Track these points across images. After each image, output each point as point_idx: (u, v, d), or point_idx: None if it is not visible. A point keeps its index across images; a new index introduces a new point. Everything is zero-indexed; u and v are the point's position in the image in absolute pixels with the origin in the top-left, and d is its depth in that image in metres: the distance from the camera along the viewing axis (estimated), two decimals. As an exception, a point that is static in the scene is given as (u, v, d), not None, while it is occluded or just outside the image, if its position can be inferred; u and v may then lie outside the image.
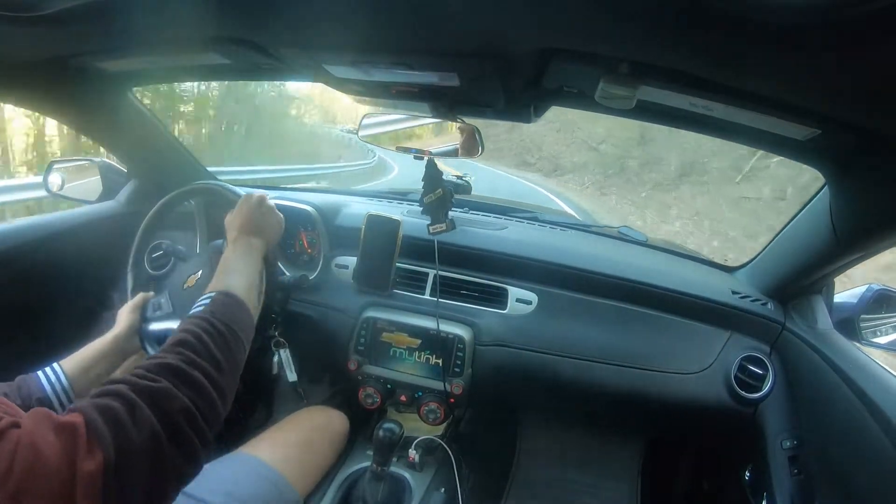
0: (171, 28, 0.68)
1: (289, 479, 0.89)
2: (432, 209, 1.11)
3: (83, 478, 0.41)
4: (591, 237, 1.37)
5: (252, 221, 0.84)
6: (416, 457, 1.09)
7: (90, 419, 0.44)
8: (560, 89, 0.76)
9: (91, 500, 0.41)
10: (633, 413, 1.26)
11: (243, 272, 0.74)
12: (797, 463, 0.94)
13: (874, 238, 0.77)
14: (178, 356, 0.54)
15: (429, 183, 1.10)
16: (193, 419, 0.50)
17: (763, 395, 1.03)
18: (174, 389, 0.50)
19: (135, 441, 0.45)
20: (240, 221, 0.84)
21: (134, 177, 1.29)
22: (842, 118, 0.57)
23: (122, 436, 0.44)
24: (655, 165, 9.27)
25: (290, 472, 0.90)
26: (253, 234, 0.83)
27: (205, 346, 0.57)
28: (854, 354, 0.89)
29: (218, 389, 0.55)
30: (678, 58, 0.53)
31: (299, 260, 1.29)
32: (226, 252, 0.79)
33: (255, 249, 0.81)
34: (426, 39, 0.63)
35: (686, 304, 1.10)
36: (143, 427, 0.46)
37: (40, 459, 0.40)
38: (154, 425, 0.47)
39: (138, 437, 0.45)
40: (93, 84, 1.00)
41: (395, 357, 1.14)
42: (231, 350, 0.60)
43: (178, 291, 0.97)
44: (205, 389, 0.53)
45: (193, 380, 0.53)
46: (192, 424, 0.50)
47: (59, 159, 1.31)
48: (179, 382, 0.51)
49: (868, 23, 0.34)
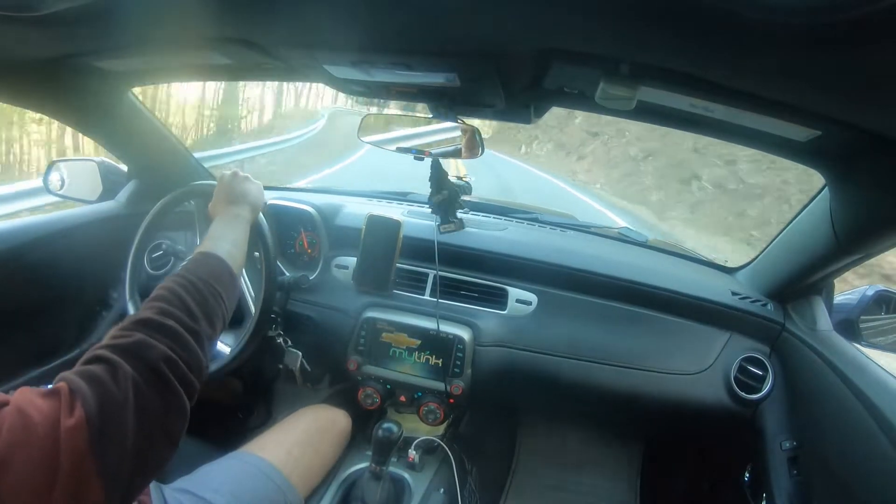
0: (171, 28, 0.68)
1: (291, 479, 0.89)
2: (441, 209, 1.12)
3: (66, 433, 0.41)
4: (592, 238, 1.37)
5: (230, 194, 0.86)
6: (415, 457, 1.09)
7: (73, 382, 0.45)
8: (560, 90, 0.76)
9: (76, 456, 0.41)
10: (632, 414, 1.26)
11: (226, 237, 0.75)
12: (796, 464, 0.94)
13: (874, 239, 0.77)
14: (151, 309, 0.54)
15: (436, 183, 1.10)
16: (175, 365, 0.51)
17: (762, 396, 1.03)
18: (150, 339, 0.50)
19: (115, 395, 0.45)
20: (218, 199, 0.86)
21: (134, 177, 1.29)
22: (842, 119, 0.57)
23: (103, 391, 0.45)
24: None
25: (292, 471, 0.90)
26: (234, 204, 0.84)
27: (178, 298, 0.57)
28: (854, 355, 0.89)
29: (195, 336, 0.55)
30: (678, 58, 0.53)
31: (299, 260, 1.29)
32: (213, 225, 0.79)
33: (240, 218, 0.82)
34: (426, 40, 0.63)
35: (686, 304, 1.10)
36: (123, 381, 0.46)
37: (26, 421, 0.41)
38: (135, 378, 0.47)
39: (119, 390, 0.46)
40: (93, 84, 1.00)
41: (394, 357, 1.14)
42: (207, 301, 0.60)
43: None
44: (181, 337, 0.53)
45: (167, 328, 0.53)
46: (175, 371, 0.50)
47: (59, 159, 1.31)
48: (154, 332, 0.52)
49: (868, 23, 0.34)
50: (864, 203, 0.73)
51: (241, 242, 0.77)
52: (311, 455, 0.98)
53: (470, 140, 0.98)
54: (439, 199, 1.11)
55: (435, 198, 1.12)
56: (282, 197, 1.27)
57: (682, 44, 0.49)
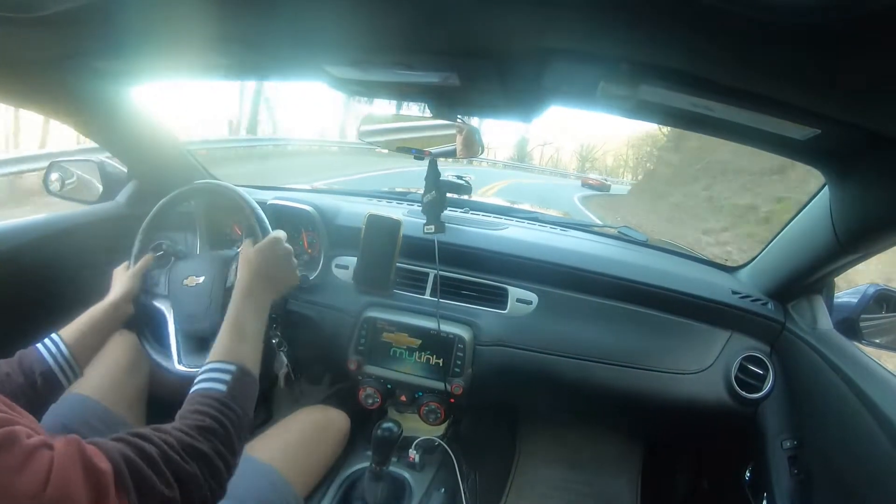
0: (170, 28, 0.68)
1: (288, 479, 0.89)
2: (429, 209, 1.11)
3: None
4: (592, 237, 1.37)
5: (269, 271, 0.82)
6: (416, 457, 1.09)
7: (118, 470, 0.46)
8: (560, 89, 0.76)
9: None
10: (633, 413, 1.26)
11: (256, 338, 0.74)
12: (797, 463, 0.94)
13: (874, 238, 0.77)
14: (209, 444, 0.57)
15: (429, 183, 1.10)
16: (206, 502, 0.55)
17: (763, 395, 1.03)
18: (201, 478, 0.54)
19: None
20: (256, 266, 0.82)
21: (134, 177, 1.29)
22: (842, 118, 0.57)
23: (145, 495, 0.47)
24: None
25: (289, 471, 0.90)
26: (267, 288, 0.81)
27: (229, 436, 0.59)
28: (854, 354, 0.89)
29: (230, 472, 0.59)
30: (678, 58, 0.53)
31: (300, 260, 1.29)
32: (239, 303, 0.76)
33: (266, 305, 0.80)
34: (426, 39, 0.63)
35: (686, 304, 1.10)
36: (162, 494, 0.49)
37: (69, 496, 0.42)
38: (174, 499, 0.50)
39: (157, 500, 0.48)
40: (93, 84, 1.00)
41: (395, 357, 1.14)
42: (244, 433, 0.63)
43: (177, 284, 0.98)
44: (222, 477, 0.57)
45: (217, 471, 0.56)
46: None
47: (59, 159, 1.31)
48: (208, 473, 0.55)
49: (868, 23, 0.34)
50: (864, 201, 0.72)
51: (262, 334, 0.76)
52: (307, 455, 0.98)
53: (469, 139, 0.98)
54: (429, 199, 1.11)
55: (426, 197, 1.11)
56: (282, 197, 1.27)
57: (683, 43, 0.49)
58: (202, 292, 0.95)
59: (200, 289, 0.95)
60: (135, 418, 0.99)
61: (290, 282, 0.89)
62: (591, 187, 22.81)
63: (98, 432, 0.87)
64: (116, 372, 1.01)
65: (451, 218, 1.28)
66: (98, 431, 0.88)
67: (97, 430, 0.89)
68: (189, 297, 0.96)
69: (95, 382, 0.97)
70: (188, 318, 0.96)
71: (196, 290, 0.96)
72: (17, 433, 0.43)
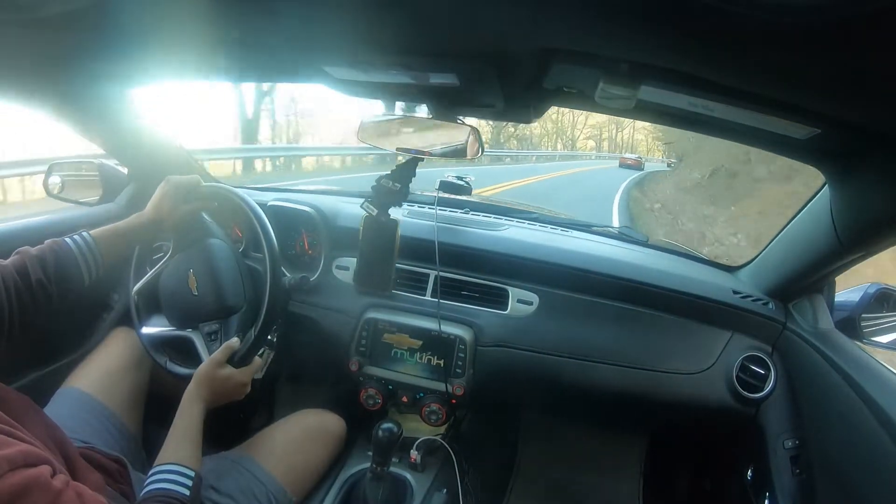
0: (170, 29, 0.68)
1: (279, 479, 0.90)
2: (381, 196, 1.07)
3: None
4: (593, 237, 1.36)
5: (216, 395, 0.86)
6: (417, 457, 1.09)
7: None
8: (560, 89, 0.76)
9: None
10: (634, 413, 1.26)
11: (199, 442, 0.80)
12: (799, 462, 0.94)
13: (875, 237, 0.77)
14: None
15: (394, 173, 1.07)
16: None
17: (765, 395, 1.03)
18: None
19: None
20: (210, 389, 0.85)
21: (134, 179, 1.29)
22: (842, 118, 0.57)
23: None
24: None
25: (280, 472, 0.92)
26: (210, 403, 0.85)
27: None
28: (855, 354, 0.89)
29: None
30: (678, 58, 0.53)
31: (300, 261, 1.29)
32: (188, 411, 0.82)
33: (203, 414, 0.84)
34: (426, 40, 0.63)
35: (687, 304, 1.10)
36: None
37: None
38: None
39: None
40: (93, 86, 1.00)
41: (396, 358, 1.14)
42: None
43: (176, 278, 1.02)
44: None
45: None
46: None
47: (59, 161, 1.31)
48: None
49: (868, 23, 0.34)
50: (865, 200, 0.72)
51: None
52: (299, 457, 0.99)
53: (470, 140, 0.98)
54: (386, 186, 1.06)
55: (383, 180, 1.06)
56: (282, 198, 1.27)
57: (683, 43, 0.49)
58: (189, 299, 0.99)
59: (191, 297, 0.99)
60: (131, 417, 0.99)
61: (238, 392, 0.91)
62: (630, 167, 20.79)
63: (92, 428, 0.89)
64: (115, 369, 1.02)
65: (452, 219, 1.28)
66: (92, 427, 0.90)
67: (91, 426, 0.90)
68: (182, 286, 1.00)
69: (93, 378, 0.98)
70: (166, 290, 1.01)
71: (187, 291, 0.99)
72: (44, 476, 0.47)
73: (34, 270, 0.74)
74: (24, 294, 0.72)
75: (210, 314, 0.98)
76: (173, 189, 0.92)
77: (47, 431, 0.63)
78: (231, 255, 1.04)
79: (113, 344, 1.07)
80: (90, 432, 0.88)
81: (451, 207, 1.38)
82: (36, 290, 0.74)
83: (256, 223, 0.96)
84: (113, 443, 0.90)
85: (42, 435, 0.59)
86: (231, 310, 0.99)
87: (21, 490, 0.44)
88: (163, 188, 0.92)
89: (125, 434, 0.95)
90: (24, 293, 0.73)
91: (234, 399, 0.89)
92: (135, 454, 0.94)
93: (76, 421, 0.89)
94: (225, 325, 0.99)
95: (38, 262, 0.75)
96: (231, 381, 0.88)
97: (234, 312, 0.99)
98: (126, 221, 0.89)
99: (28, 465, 0.46)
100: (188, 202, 0.95)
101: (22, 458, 0.46)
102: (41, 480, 0.46)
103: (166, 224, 0.93)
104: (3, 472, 0.44)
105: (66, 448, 0.65)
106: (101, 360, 1.03)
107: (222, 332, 0.98)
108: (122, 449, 0.90)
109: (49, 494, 0.46)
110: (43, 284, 0.74)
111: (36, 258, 0.76)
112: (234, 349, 0.90)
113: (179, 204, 0.93)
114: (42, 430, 0.61)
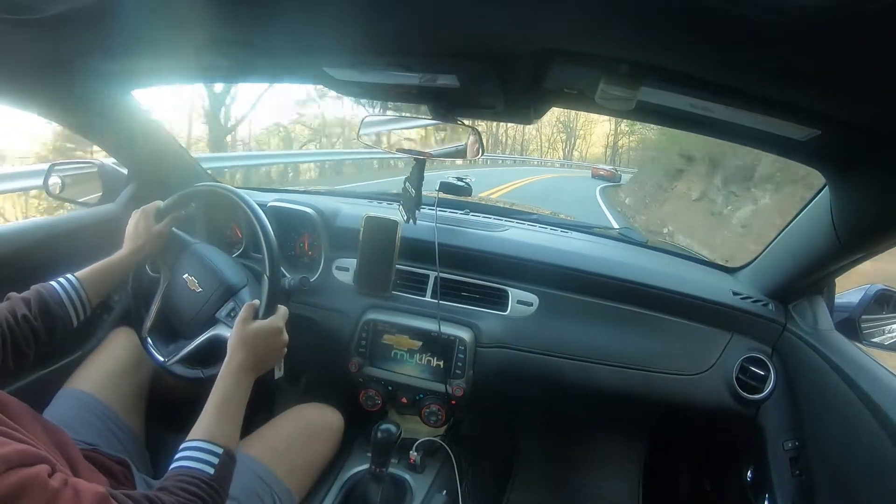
0: (171, 30, 0.68)
1: (278, 474, 0.90)
2: (406, 204, 1.09)
3: None
4: (592, 239, 1.36)
5: (260, 357, 0.82)
6: (416, 458, 1.09)
7: None
8: (560, 90, 0.76)
9: None
10: (634, 414, 1.26)
11: (238, 417, 0.75)
12: (798, 464, 0.94)
13: (875, 238, 0.77)
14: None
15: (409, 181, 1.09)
16: None
17: (765, 397, 1.03)
18: None
19: None
20: (252, 349, 0.81)
21: (134, 179, 1.29)
22: (842, 118, 0.57)
23: None
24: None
25: (279, 467, 0.91)
26: (256, 370, 0.81)
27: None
28: (855, 355, 0.89)
29: None
30: (678, 58, 0.53)
31: (300, 262, 1.29)
32: (229, 382, 0.77)
33: (250, 385, 0.80)
34: (426, 41, 0.63)
35: (687, 305, 1.10)
36: None
37: None
38: None
39: None
40: (93, 86, 1.00)
41: (396, 359, 1.14)
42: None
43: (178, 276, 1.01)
44: None
45: None
46: None
47: (59, 162, 1.31)
48: None
49: (868, 23, 0.34)
50: (865, 201, 0.72)
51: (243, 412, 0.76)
52: (298, 452, 0.98)
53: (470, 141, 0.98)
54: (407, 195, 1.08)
55: (406, 185, 1.09)
56: (282, 199, 1.27)
57: (682, 44, 0.49)
58: (196, 299, 0.98)
59: (197, 296, 0.98)
60: (133, 417, 0.99)
61: (272, 366, 0.89)
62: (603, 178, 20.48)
63: (96, 429, 0.89)
64: (115, 369, 1.02)
65: (452, 220, 1.28)
66: (96, 428, 0.89)
67: (94, 427, 0.90)
68: (185, 293, 0.99)
69: (93, 378, 0.98)
70: (174, 309, 1.01)
71: (192, 294, 0.98)
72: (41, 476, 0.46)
73: (23, 316, 0.76)
74: (17, 337, 0.74)
75: (219, 299, 0.98)
76: (142, 217, 0.99)
77: (48, 434, 0.63)
78: (217, 249, 1.06)
79: (113, 344, 1.07)
80: (93, 433, 0.88)
81: (451, 208, 1.38)
82: (25, 333, 0.75)
83: (256, 224, 0.96)
84: (116, 444, 0.90)
85: (42, 437, 0.59)
86: (236, 287, 0.99)
87: (18, 490, 0.44)
88: (133, 220, 0.99)
89: (128, 435, 0.94)
90: (18, 336, 0.75)
91: (278, 354, 0.87)
92: (138, 455, 0.94)
93: (79, 422, 0.88)
94: (237, 300, 0.98)
95: (25, 305, 0.77)
96: (264, 331, 0.84)
97: (241, 288, 0.99)
98: (108, 260, 0.93)
99: (24, 464, 0.46)
100: (158, 221, 1.00)
101: (18, 458, 0.46)
102: (38, 480, 0.46)
103: (146, 249, 0.98)
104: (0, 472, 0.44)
105: (69, 451, 0.65)
106: (101, 360, 1.03)
107: (238, 307, 0.97)
108: (126, 450, 0.90)
109: (46, 493, 0.46)
110: (33, 327, 0.76)
111: (23, 302, 0.78)
112: (256, 307, 0.88)
113: (151, 226, 0.98)
114: (42, 432, 0.61)
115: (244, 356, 0.79)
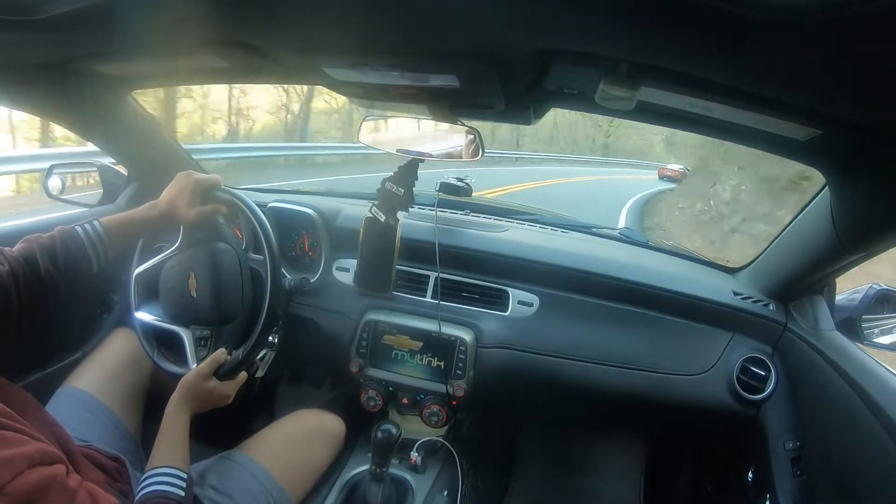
0: (171, 31, 0.68)
1: (279, 480, 0.90)
2: (387, 196, 1.08)
3: None
4: (593, 239, 1.36)
5: (200, 404, 0.87)
6: (417, 459, 1.09)
7: None
8: (560, 90, 0.76)
9: None
10: (635, 415, 1.26)
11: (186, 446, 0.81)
12: (799, 464, 0.94)
13: (876, 238, 0.77)
14: None
15: (395, 177, 1.08)
16: None
17: (765, 397, 1.03)
18: None
19: None
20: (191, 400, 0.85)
21: (134, 180, 1.29)
22: (842, 118, 0.57)
23: None
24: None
25: (278, 471, 0.91)
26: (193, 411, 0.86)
27: None
28: (856, 355, 0.89)
29: None
30: (678, 58, 0.53)
31: (300, 263, 1.29)
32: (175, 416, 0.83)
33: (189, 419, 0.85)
34: (425, 41, 0.63)
35: (688, 305, 1.10)
36: None
37: None
38: None
39: None
40: (93, 87, 1.00)
41: (396, 359, 1.14)
42: None
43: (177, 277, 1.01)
44: None
45: None
46: None
47: (59, 163, 1.31)
48: None
49: (868, 23, 0.34)
50: (866, 201, 0.72)
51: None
52: (297, 457, 0.99)
53: (470, 142, 0.98)
54: (390, 189, 1.07)
55: (387, 184, 1.08)
56: (282, 199, 1.27)
57: (683, 44, 0.49)
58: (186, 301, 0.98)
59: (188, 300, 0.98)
60: (130, 416, 1.00)
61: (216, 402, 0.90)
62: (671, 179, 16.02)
63: (92, 427, 0.90)
64: (114, 368, 1.02)
65: (452, 220, 1.28)
66: (92, 426, 0.90)
67: (91, 425, 0.90)
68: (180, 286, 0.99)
69: (91, 377, 0.98)
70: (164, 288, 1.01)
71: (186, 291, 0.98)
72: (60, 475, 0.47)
73: (43, 260, 0.74)
74: (32, 282, 0.72)
75: (204, 319, 0.98)
76: (192, 186, 0.89)
77: (50, 429, 0.63)
78: (236, 262, 1.01)
79: (113, 344, 1.08)
80: (89, 431, 0.89)
81: (452, 209, 1.38)
82: (45, 279, 0.74)
83: (256, 224, 0.96)
84: (112, 441, 0.90)
85: (46, 432, 0.59)
86: (225, 319, 0.99)
87: (40, 488, 0.45)
88: (181, 183, 0.89)
89: (124, 433, 0.95)
90: (33, 281, 0.72)
91: (217, 406, 0.90)
92: (133, 453, 0.94)
93: (75, 420, 0.89)
94: (217, 332, 0.98)
95: (46, 251, 0.75)
96: (214, 394, 0.88)
97: (228, 322, 0.99)
98: (138, 211, 0.87)
99: (45, 463, 0.47)
100: (206, 202, 0.92)
101: (39, 457, 0.47)
102: (58, 479, 0.46)
103: (179, 220, 0.90)
104: (22, 470, 0.44)
105: (69, 445, 0.65)
106: (100, 359, 1.03)
107: (213, 339, 0.98)
108: (121, 448, 0.90)
109: (66, 493, 0.46)
110: (51, 274, 0.74)
111: (45, 247, 0.75)
112: (221, 362, 0.89)
113: (196, 202, 0.90)
114: (46, 427, 0.62)
115: (190, 401, 0.85)
